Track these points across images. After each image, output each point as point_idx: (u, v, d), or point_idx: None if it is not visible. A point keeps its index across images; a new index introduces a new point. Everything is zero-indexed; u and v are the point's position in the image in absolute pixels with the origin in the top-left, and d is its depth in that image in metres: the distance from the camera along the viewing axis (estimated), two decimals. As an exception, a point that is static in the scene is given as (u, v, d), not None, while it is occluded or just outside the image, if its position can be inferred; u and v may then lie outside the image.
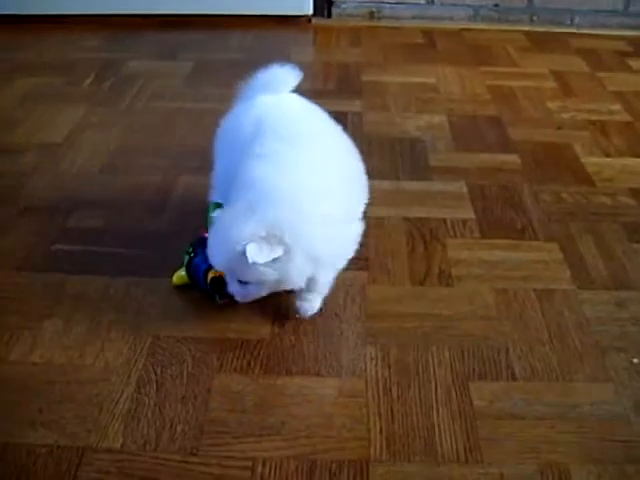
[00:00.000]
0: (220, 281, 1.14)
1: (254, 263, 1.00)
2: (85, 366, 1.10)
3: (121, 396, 1.05)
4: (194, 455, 0.96)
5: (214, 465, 0.95)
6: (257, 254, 0.99)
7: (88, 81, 2.05)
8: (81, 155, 1.67)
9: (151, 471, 0.94)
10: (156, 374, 1.09)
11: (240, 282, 1.07)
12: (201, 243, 1.18)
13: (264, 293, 1.11)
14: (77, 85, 2.02)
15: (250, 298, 1.11)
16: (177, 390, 1.06)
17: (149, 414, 1.02)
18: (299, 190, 1.07)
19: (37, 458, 0.96)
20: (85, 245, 1.37)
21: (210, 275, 1.17)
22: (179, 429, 1.00)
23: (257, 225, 1.01)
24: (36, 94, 1.96)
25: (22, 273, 1.29)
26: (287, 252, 1.02)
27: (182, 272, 1.24)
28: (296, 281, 1.09)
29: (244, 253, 0.99)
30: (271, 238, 1.01)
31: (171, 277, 1.25)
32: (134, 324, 1.18)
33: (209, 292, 1.20)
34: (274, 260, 1.01)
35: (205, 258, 1.13)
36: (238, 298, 1.11)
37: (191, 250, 1.22)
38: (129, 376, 1.08)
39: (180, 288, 1.25)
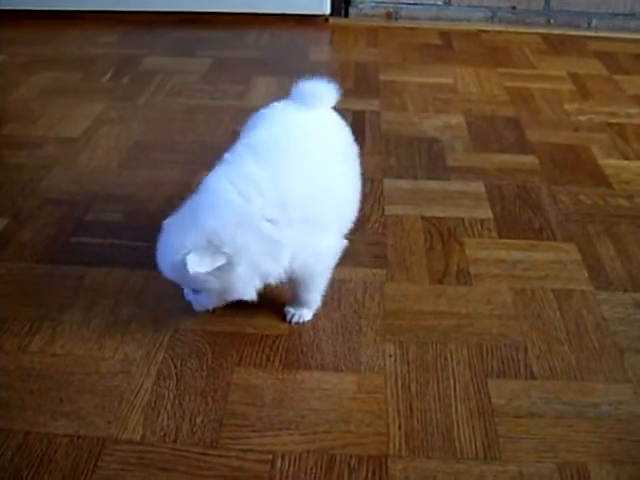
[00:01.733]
0: None
1: (195, 273, 0.98)
2: (105, 358, 1.11)
3: (141, 388, 1.06)
4: (213, 447, 0.97)
5: (233, 458, 0.95)
6: (197, 264, 0.98)
7: (107, 76, 2.06)
8: (100, 149, 1.68)
9: (170, 462, 0.95)
10: (176, 367, 1.09)
11: (193, 290, 1.08)
12: None
13: (216, 303, 1.10)
14: (95, 80, 2.04)
15: (203, 307, 1.11)
16: (197, 383, 1.06)
17: (169, 406, 1.03)
18: (245, 198, 1.02)
19: (58, 447, 0.96)
20: (104, 238, 1.37)
21: None
22: (198, 422, 1.00)
23: (198, 234, 1.01)
24: (54, 88, 1.97)
25: (41, 265, 1.30)
26: (229, 262, 1.00)
27: None
28: (243, 292, 1.05)
29: (185, 263, 0.98)
30: (212, 247, 0.99)
31: None
32: (153, 317, 1.19)
33: None
34: (217, 269, 1.00)
35: None
36: (194, 306, 1.11)
37: None
38: (149, 369, 1.09)
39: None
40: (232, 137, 1.22)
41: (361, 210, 1.25)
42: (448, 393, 1.06)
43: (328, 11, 2.50)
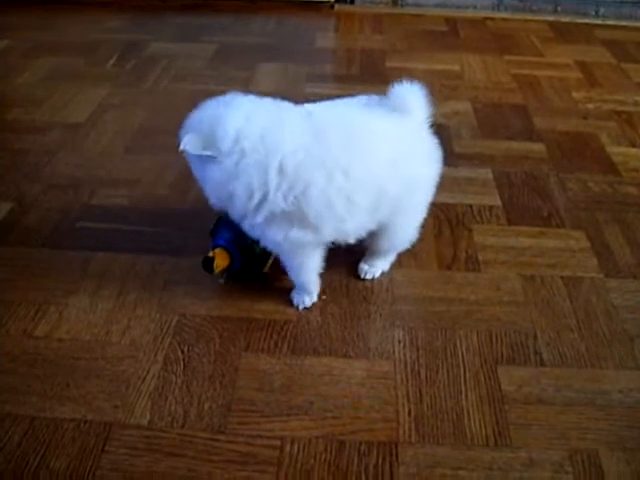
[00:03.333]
0: (209, 261, 1.13)
1: (184, 151, 1.00)
2: (111, 343, 1.10)
3: (148, 373, 1.05)
4: (222, 433, 0.96)
5: (242, 443, 0.95)
6: (188, 143, 1.00)
7: (111, 62, 2.04)
8: (105, 134, 1.66)
9: (178, 448, 0.94)
10: (183, 352, 1.09)
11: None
12: (225, 221, 1.17)
13: (211, 200, 1.07)
14: (100, 66, 2.02)
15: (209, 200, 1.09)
16: (204, 368, 1.06)
17: (176, 391, 1.02)
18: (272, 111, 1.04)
19: (65, 432, 0.96)
20: (109, 223, 1.36)
21: (205, 255, 1.15)
22: (206, 407, 1.00)
23: (206, 121, 1.01)
24: (58, 74, 1.95)
25: (47, 250, 1.29)
26: (219, 159, 1.00)
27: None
28: (212, 195, 1.06)
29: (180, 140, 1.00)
30: (211, 137, 0.99)
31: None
32: (160, 302, 1.18)
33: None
34: (207, 161, 1.01)
35: (224, 232, 1.16)
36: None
37: (215, 223, 1.22)
38: (156, 354, 1.08)
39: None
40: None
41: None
42: (458, 379, 1.05)
43: (334, -3, 2.47)
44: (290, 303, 1.18)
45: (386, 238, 1.16)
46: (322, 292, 1.20)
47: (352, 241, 1.12)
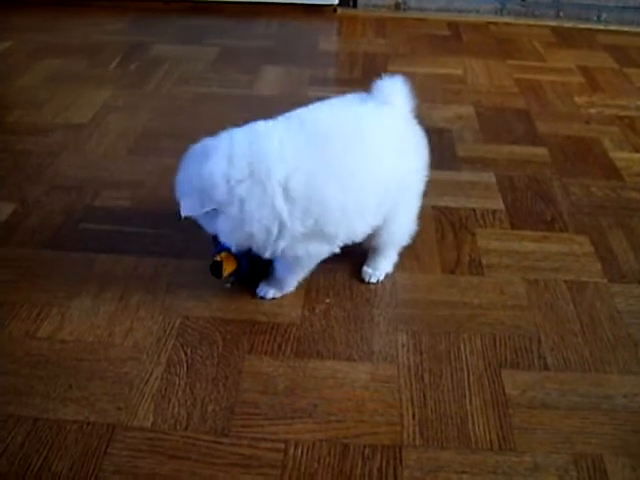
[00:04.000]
0: (218, 266, 1.14)
1: (187, 216, 1.04)
2: (114, 345, 1.10)
3: (151, 375, 1.04)
4: (225, 436, 0.96)
5: (245, 446, 0.94)
6: (187, 208, 1.04)
7: (114, 64, 2.04)
8: (107, 136, 1.66)
9: (182, 450, 0.94)
10: (186, 354, 1.08)
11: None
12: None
13: (233, 246, 1.10)
14: (102, 67, 2.02)
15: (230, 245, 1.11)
16: (208, 371, 1.05)
17: (180, 394, 1.02)
18: (259, 159, 1.02)
19: (68, 434, 0.95)
20: (112, 225, 1.36)
21: (213, 260, 1.15)
22: (210, 409, 0.99)
23: (196, 177, 1.03)
24: (61, 75, 1.95)
25: (49, 251, 1.29)
26: (220, 210, 1.03)
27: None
28: (231, 239, 1.07)
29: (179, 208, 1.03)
30: (205, 193, 1.02)
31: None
32: (163, 304, 1.17)
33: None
34: (208, 215, 1.04)
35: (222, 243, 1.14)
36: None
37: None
38: (159, 356, 1.08)
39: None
40: (240, 125, 1.19)
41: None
42: (462, 383, 1.05)
43: (336, 1, 2.48)
44: (293, 304, 1.18)
45: (388, 232, 1.17)
46: (326, 295, 1.20)
47: (359, 240, 1.14)
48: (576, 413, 1.01)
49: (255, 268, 1.18)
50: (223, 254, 1.15)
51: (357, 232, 1.11)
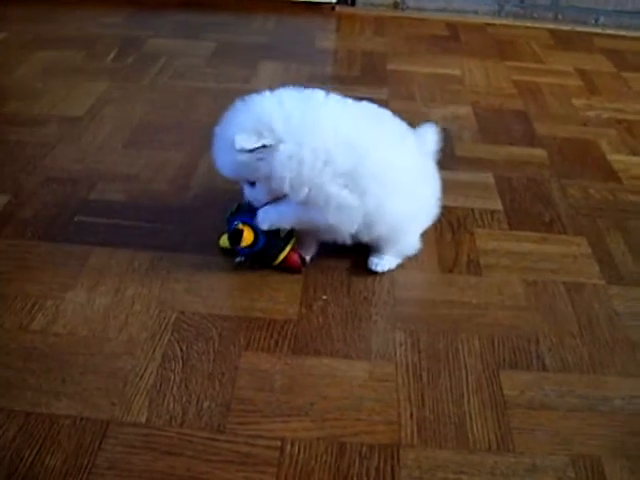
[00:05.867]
0: (238, 234, 1.15)
1: (242, 150, 1.06)
2: (109, 339, 1.08)
3: (146, 370, 1.03)
4: (221, 432, 0.94)
5: (242, 443, 0.93)
6: (244, 141, 1.05)
7: (110, 57, 2.02)
8: (103, 129, 1.64)
9: (177, 447, 0.92)
10: (182, 350, 1.07)
11: (249, 185, 1.14)
12: (247, 206, 1.19)
13: (268, 197, 1.14)
14: (99, 60, 2.00)
15: (259, 201, 1.15)
16: (203, 367, 1.04)
17: (175, 390, 1.00)
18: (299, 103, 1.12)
19: (60, 428, 0.94)
20: (108, 218, 1.34)
21: (234, 228, 1.17)
22: (205, 406, 0.98)
23: (247, 117, 1.09)
24: (57, 67, 1.93)
25: (44, 243, 1.27)
26: (276, 142, 1.07)
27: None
28: (279, 178, 1.09)
29: (233, 141, 1.05)
30: (260, 128, 1.07)
31: (218, 240, 1.25)
32: (159, 299, 1.16)
33: (232, 249, 1.21)
34: (262, 151, 1.07)
35: (241, 217, 1.17)
36: (252, 202, 1.16)
37: (235, 208, 1.21)
38: (154, 351, 1.06)
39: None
40: None
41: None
42: (460, 383, 1.04)
43: (335, -1, 2.47)
44: (289, 301, 1.17)
45: (395, 238, 1.23)
46: (323, 292, 1.19)
47: (375, 229, 1.18)
48: (574, 414, 1.00)
49: (269, 247, 1.18)
50: (244, 225, 1.15)
51: (381, 210, 1.15)
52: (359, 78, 1.99)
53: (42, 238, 1.28)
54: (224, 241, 1.24)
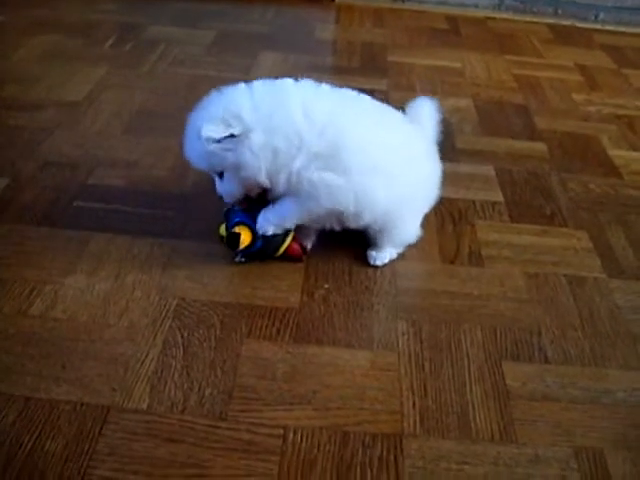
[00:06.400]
0: (236, 237, 1.13)
1: (208, 139, 1.04)
2: (109, 324, 1.07)
3: (146, 357, 1.02)
4: (223, 420, 0.94)
5: (244, 431, 0.92)
6: (211, 130, 1.04)
7: (108, 43, 2.00)
8: (102, 115, 1.63)
9: (178, 433, 0.92)
10: (183, 337, 1.06)
11: (218, 177, 1.12)
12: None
13: (239, 190, 1.12)
14: (97, 46, 1.98)
15: (231, 196, 1.14)
16: (205, 354, 1.03)
17: (176, 376, 0.99)
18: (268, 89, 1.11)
19: (60, 414, 0.93)
20: (107, 203, 1.33)
21: (231, 231, 1.15)
22: (207, 393, 0.97)
23: (215, 106, 1.08)
24: (55, 52, 1.91)
25: (43, 228, 1.26)
26: (243, 131, 1.05)
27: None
28: (253, 168, 1.07)
29: (200, 131, 1.04)
30: (228, 117, 1.05)
31: (217, 229, 1.22)
32: (159, 285, 1.15)
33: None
34: (230, 141, 1.05)
35: (240, 213, 1.15)
36: (224, 198, 1.15)
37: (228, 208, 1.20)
38: (155, 337, 1.05)
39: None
40: None
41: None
42: (462, 373, 1.04)
43: (335, -10, 2.45)
44: (291, 289, 1.16)
45: (393, 228, 1.20)
46: (324, 281, 1.19)
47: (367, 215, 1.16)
48: (576, 406, 1.00)
49: (268, 244, 1.17)
50: (241, 226, 1.13)
51: (369, 189, 1.12)
52: (359, 69, 1.98)
53: (41, 223, 1.27)
54: (223, 230, 1.23)
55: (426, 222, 1.34)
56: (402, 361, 1.05)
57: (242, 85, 1.12)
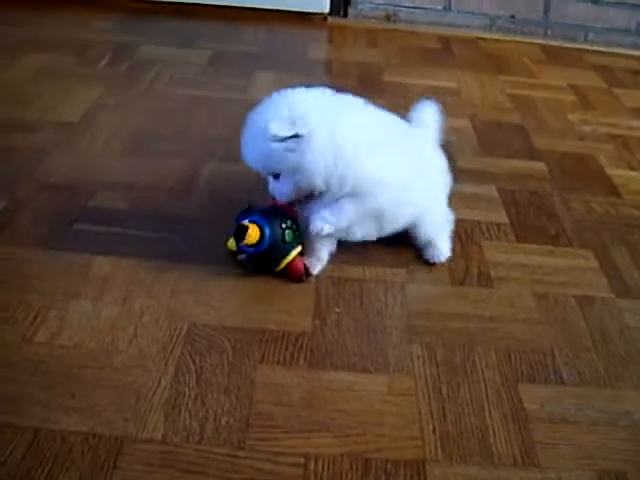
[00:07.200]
0: (243, 230, 1.13)
1: (275, 137, 1.06)
2: (118, 351, 1.04)
3: (159, 385, 0.99)
4: (241, 449, 0.91)
5: (264, 460, 0.90)
6: (278, 128, 1.06)
7: (103, 62, 1.98)
8: (100, 136, 1.60)
9: (197, 464, 0.89)
10: (195, 363, 1.03)
11: (273, 178, 1.13)
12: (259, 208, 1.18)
13: (293, 191, 1.13)
14: (91, 66, 1.96)
15: (283, 196, 1.14)
16: (219, 381, 1.00)
17: (190, 405, 0.96)
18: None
19: (72, 446, 0.89)
20: (109, 226, 1.30)
21: (241, 223, 1.15)
22: (224, 421, 0.94)
23: (281, 106, 1.10)
24: (48, 72, 1.88)
25: (43, 251, 1.22)
26: (309, 133, 1.07)
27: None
28: (312, 169, 1.09)
29: (267, 131, 1.06)
30: (295, 117, 1.07)
31: (225, 242, 1.21)
32: (168, 310, 1.12)
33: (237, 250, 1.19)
34: (293, 141, 1.07)
35: (257, 215, 1.16)
36: (277, 197, 1.15)
37: (245, 208, 1.19)
38: (166, 364, 1.02)
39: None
40: (237, 129, 1.16)
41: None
42: (480, 397, 1.02)
43: (327, 10, 2.46)
44: (302, 313, 1.14)
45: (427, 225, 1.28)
46: (336, 305, 1.17)
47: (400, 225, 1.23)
48: (596, 429, 0.99)
49: (274, 250, 1.15)
50: (251, 224, 1.13)
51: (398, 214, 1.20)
52: (356, 89, 1.95)
53: (42, 246, 1.24)
54: (231, 243, 1.21)
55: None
56: (419, 385, 1.03)
57: (303, 88, 1.15)
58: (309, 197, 1.15)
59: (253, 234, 1.13)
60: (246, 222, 1.14)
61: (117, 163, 1.51)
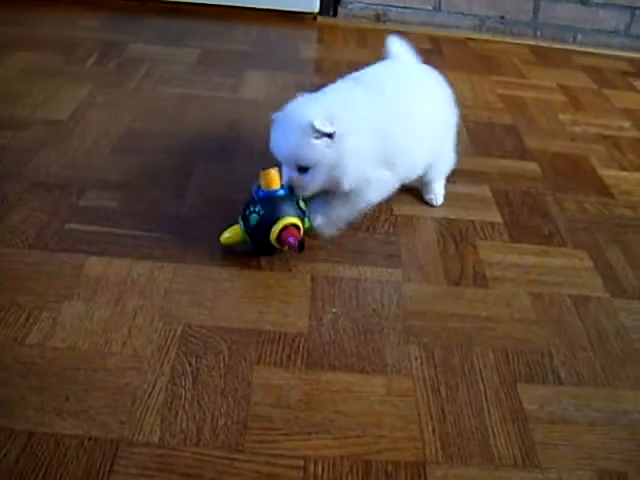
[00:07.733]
0: (267, 174, 1.19)
1: (319, 131, 1.13)
2: (112, 353, 1.02)
3: (154, 387, 0.97)
4: (240, 452, 0.90)
5: (262, 463, 0.88)
6: (322, 124, 1.13)
7: (91, 61, 1.95)
8: (89, 134, 1.58)
9: (194, 467, 0.87)
10: (190, 365, 1.02)
11: (299, 170, 1.17)
12: (264, 201, 1.19)
13: (319, 184, 1.19)
14: (79, 64, 1.93)
15: (307, 189, 1.20)
16: (215, 382, 0.99)
17: (187, 407, 0.95)
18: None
19: (67, 450, 0.87)
20: (102, 226, 1.28)
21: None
22: (221, 423, 0.93)
23: (318, 107, 1.16)
24: (36, 70, 1.85)
25: (34, 252, 1.20)
26: (344, 132, 1.15)
27: (231, 232, 1.23)
28: (342, 167, 1.18)
29: (308, 126, 1.12)
30: (332, 116, 1.14)
31: (218, 237, 1.22)
32: (162, 311, 1.11)
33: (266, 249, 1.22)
34: (333, 139, 1.15)
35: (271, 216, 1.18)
36: (296, 191, 1.19)
37: (259, 209, 1.18)
38: (161, 365, 1.01)
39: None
40: (228, 128, 1.14)
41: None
42: (479, 397, 1.02)
43: (317, 9, 2.45)
44: (298, 313, 1.13)
45: (438, 165, 1.42)
46: (331, 305, 1.16)
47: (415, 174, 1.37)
48: (595, 428, 0.99)
49: (272, 212, 1.18)
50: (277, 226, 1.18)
51: (416, 164, 1.35)
52: (347, 89, 1.96)
53: (32, 246, 1.21)
54: (225, 238, 1.23)
55: (429, 243, 1.33)
56: (418, 386, 1.02)
57: (339, 86, 1.30)
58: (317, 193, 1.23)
59: (275, 178, 1.18)
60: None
61: (107, 161, 1.48)
